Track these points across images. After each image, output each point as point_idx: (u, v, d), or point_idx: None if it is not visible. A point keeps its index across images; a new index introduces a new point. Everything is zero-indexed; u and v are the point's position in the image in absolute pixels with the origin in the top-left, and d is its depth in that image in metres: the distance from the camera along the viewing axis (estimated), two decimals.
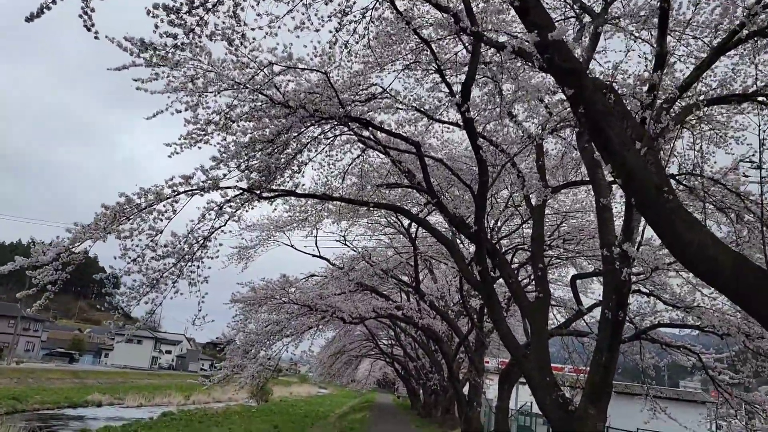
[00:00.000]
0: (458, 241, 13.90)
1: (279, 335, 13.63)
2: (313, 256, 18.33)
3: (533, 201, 9.95)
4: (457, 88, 7.63)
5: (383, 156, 11.63)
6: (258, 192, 8.24)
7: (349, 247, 17.74)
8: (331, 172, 11.87)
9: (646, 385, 14.50)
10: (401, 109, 9.39)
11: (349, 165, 11.95)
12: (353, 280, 16.73)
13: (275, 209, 11.41)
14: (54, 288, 6.65)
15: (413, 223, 17.41)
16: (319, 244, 17.23)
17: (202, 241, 8.46)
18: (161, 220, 7.69)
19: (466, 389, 20.27)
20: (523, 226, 15.08)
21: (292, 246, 18.15)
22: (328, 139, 10.84)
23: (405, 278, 21.05)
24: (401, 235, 20.69)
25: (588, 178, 10.65)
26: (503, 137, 10.14)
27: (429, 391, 30.92)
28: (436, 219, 16.95)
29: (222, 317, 16.64)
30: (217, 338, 14.80)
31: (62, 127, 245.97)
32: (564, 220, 14.82)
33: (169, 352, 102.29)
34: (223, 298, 16.67)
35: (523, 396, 25.15)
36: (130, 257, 7.68)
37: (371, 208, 10.02)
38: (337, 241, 18.40)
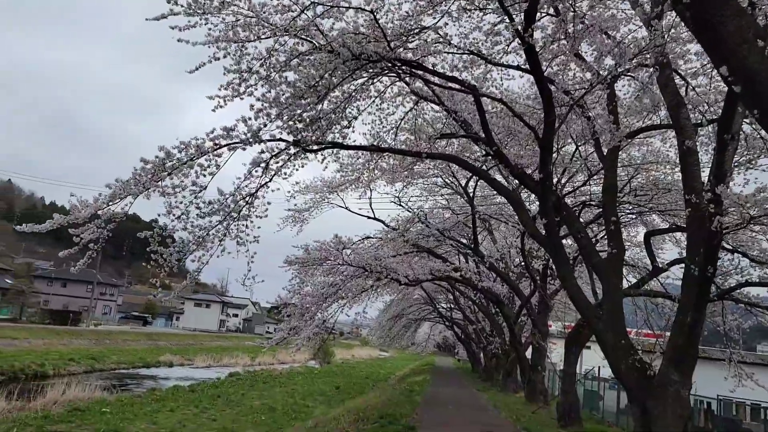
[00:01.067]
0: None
1: (334, 297, 13.35)
2: (368, 218, 17.91)
3: (604, 149, 9.03)
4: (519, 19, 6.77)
5: (438, 108, 10.91)
6: (304, 145, 7.73)
7: (404, 207, 17.18)
8: (383, 128, 11.28)
9: (729, 349, 13.41)
10: (455, 53, 8.61)
11: (401, 119, 11.30)
12: (409, 241, 16.21)
13: (326, 167, 10.94)
14: (96, 246, 6.44)
15: (471, 181, 16.66)
16: (375, 206, 16.72)
17: (248, 198, 8.08)
18: (204, 175, 7.33)
19: (528, 353, 19.63)
20: (590, 182, 14.06)
21: (346, 208, 17.78)
22: (377, 89, 10.22)
23: (463, 240, 20.35)
24: (459, 197, 19.96)
25: (667, 121, 9.61)
26: (570, 81, 9.22)
27: (490, 355, 30.40)
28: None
29: (280, 281, 16.62)
30: (275, 301, 14.66)
31: (130, 103, 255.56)
32: (636, 174, 13.66)
33: (236, 315, 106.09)
34: (280, 261, 16.60)
35: (588, 361, 24.29)
36: (174, 215, 7.40)
37: (425, 159, 9.34)
38: (392, 202, 17.88)
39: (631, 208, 13.81)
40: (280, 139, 7.48)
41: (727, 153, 6.06)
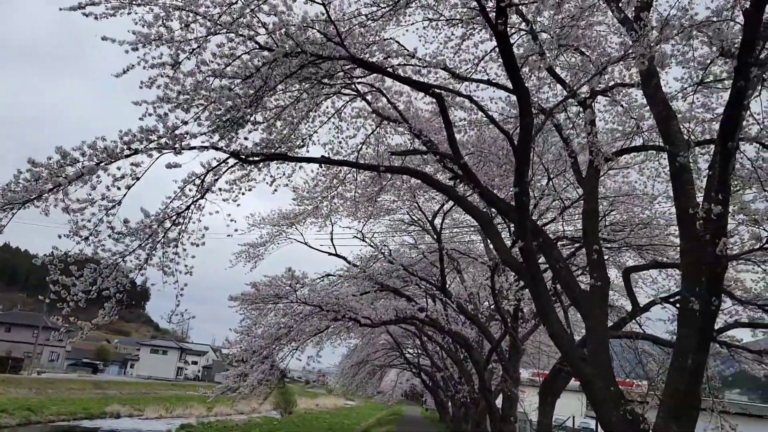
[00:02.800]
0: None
1: (286, 338, 11.98)
2: (329, 254, 16.73)
3: (582, 173, 8.16)
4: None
5: (401, 130, 10.00)
6: (242, 156, 6.62)
7: (367, 243, 16.08)
8: (343, 152, 10.32)
9: (711, 398, 12.42)
10: (420, 66, 7.73)
11: (362, 142, 10.35)
12: (372, 278, 15.02)
13: (275, 191, 9.81)
14: None
15: (438, 216, 15.70)
16: (337, 243, 15.58)
17: (175, 219, 6.86)
18: (118, 188, 6.12)
19: (499, 402, 18.35)
20: (563, 216, 13.25)
21: (305, 243, 16.59)
22: (335, 107, 9.28)
23: (431, 280, 19.25)
24: (426, 234, 19.01)
25: (652, 142, 8.85)
26: (545, 100, 8.44)
27: (458, 404, 28.90)
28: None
29: (234, 323, 15.11)
30: (221, 345, 13.15)
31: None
32: (611, 208, 12.92)
33: (195, 363, 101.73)
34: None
35: (561, 410, 23.09)
36: (81, 236, 6.13)
37: (382, 174, 8.32)
38: (355, 237, 16.78)
39: (608, 245, 13.00)
40: (213, 147, 6.34)
41: (731, 162, 5.19)
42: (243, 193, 9.24)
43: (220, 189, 7.65)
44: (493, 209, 7.85)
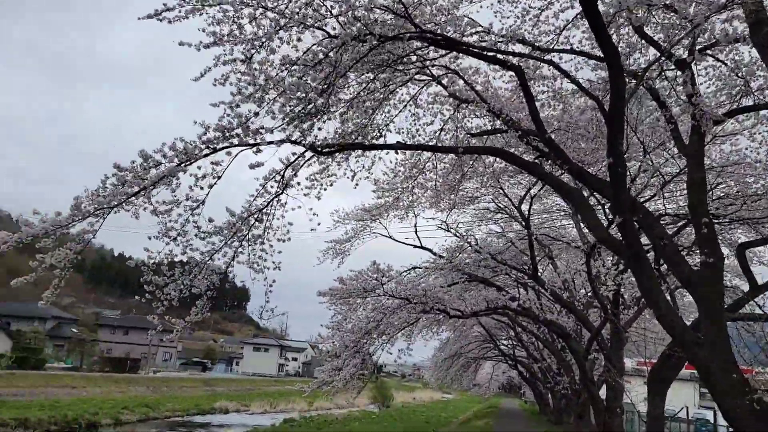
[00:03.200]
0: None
1: (376, 332, 11.93)
2: (414, 246, 16.51)
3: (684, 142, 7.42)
4: None
5: (481, 114, 9.60)
6: (317, 147, 6.54)
7: (451, 232, 15.72)
8: (419, 138, 10.10)
9: None
10: (497, 41, 7.32)
11: (440, 129, 10.05)
12: (460, 269, 14.66)
13: (357, 185, 9.72)
14: (63, 273, 5.36)
15: (524, 202, 15.07)
16: (422, 236, 15.33)
17: (258, 216, 6.92)
18: (201, 188, 6.22)
19: (602, 393, 17.40)
20: (661, 193, 12.25)
21: (390, 237, 16.49)
22: (409, 92, 9.03)
23: (522, 267, 18.56)
24: (514, 222, 18.36)
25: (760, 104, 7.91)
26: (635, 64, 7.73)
27: (558, 395, 27.85)
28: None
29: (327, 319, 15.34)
30: (314, 340, 13.35)
31: None
32: (719, 180, 11.79)
33: (295, 359, 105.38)
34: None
35: (672, 400, 21.59)
36: (170, 236, 6.29)
37: (462, 157, 7.94)
38: (439, 228, 16.46)
39: (717, 221, 11.88)
40: (289, 141, 6.30)
41: None
42: (325, 189, 9.24)
43: (299, 184, 7.62)
44: (584, 187, 7.27)
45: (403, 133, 10.00)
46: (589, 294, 18.84)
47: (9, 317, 57.22)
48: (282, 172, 7.10)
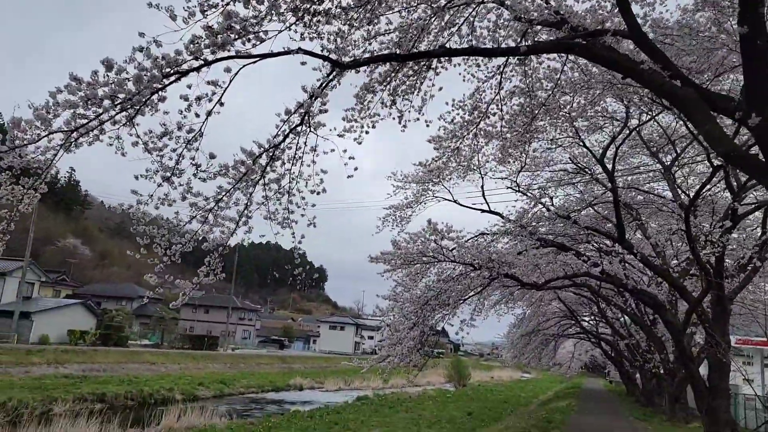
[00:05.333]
0: None
1: (436, 301, 10.58)
2: (482, 211, 14.93)
3: None
4: None
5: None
6: (337, 58, 5.21)
7: (521, 192, 14.03)
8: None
9: None
10: None
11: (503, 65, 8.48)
12: (534, 233, 12.97)
13: (405, 127, 8.38)
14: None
15: (608, 151, 13.09)
16: (491, 200, 13.71)
17: (273, 151, 5.71)
18: (197, 114, 5.07)
19: (701, 372, 15.29)
20: None
21: (454, 201, 15.00)
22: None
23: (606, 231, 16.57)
24: (595, 186, 16.34)
25: None
26: None
27: (649, 375, 25.47)
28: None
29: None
30: (373, 313, 12.19)
31: None
32: None
33: (371, 337, 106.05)
34: None
35: None
36: (163, 176, 5.19)
37: (524, 55, 6.23)
38: (509, 188, 14.79)
39: None
40: (302, 50, 5.00)
41: None
42: (366, 131, 7.98)
43: (324, 126, 6.33)
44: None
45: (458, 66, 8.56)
46: (682, 263, 16.61)
47: (100, 297, 60.46)
48: (304, 102, 5.85)
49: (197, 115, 5.09)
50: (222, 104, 5.14)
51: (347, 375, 50.64)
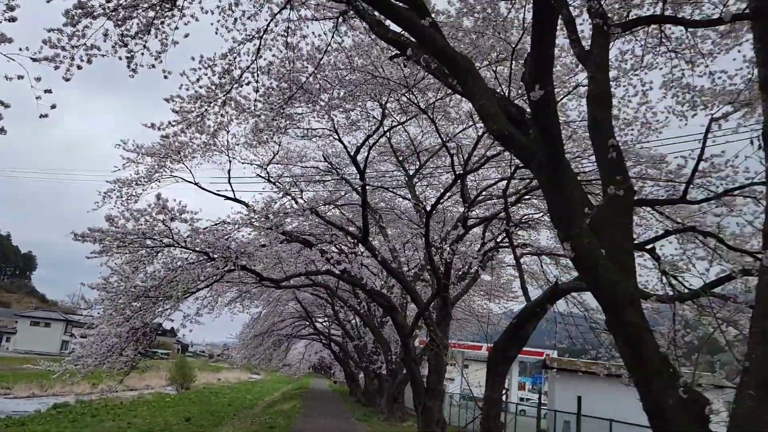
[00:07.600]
0: None
1: (157, 292, 8.81)
2: (226, 198, 13.50)
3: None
4: None
5: None
6: None
7: (271, 182, 13.07)
8: None
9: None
10: None
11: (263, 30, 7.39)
12: (279, 226, 12.01)
13: (134, 72, 6.69)
14: None
15: (364, 147, 12.88)
16: (237, 188, 12.32)
17: None
18: None
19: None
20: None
21: (195, 184, 13.26)
22: None
23: (351, 229, 16.60)
24: (343, 189, 16.26)
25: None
26: None
27: (371, 375, 26.69)
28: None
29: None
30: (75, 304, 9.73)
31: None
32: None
33: (84, 336, 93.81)
34: None
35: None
36: None
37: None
38: (258, 175, 13.71)
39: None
40: None
41: None
42: (78, 66, 6.15)
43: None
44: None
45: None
46: (413, 269, 17.55)
47: None
48: None
49: None
50: None
51: (45, 378, 43.16)
